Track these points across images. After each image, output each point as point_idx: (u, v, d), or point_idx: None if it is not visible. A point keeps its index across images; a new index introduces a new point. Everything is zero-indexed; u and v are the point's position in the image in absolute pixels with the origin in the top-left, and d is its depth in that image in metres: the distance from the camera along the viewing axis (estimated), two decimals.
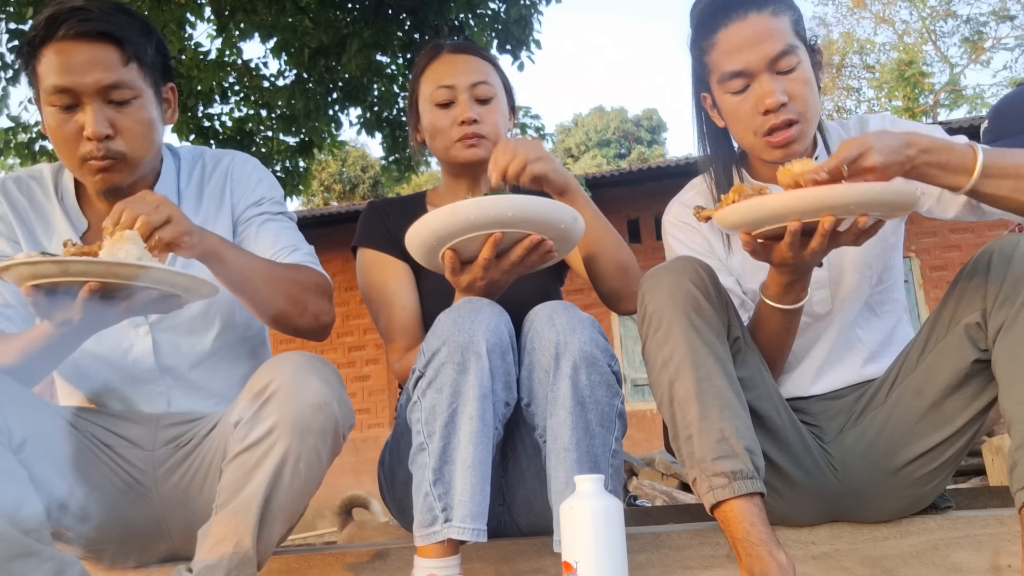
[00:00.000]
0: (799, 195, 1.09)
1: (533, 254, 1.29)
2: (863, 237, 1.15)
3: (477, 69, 1.63)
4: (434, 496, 1.23)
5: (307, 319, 1.38)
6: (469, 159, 1.61)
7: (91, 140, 1.31)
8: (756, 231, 1.16)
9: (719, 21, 1.35)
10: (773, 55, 1.32)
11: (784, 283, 1.27)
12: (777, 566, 1.12)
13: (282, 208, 1.54)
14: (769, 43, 1.32)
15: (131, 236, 1.14)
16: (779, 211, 1.11)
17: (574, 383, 1.27)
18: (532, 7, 5.49)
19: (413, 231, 1.28)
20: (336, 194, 20.98)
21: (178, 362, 1.46)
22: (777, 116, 1.32)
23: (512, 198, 1.23)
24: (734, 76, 1.34)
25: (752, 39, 1.32)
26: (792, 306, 1.31)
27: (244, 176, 1.53)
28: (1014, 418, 1.18)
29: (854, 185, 1.09)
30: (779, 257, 1.18)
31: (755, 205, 1.12)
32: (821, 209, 1.09)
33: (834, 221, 1.10)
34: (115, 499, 1.38)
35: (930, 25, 19.05)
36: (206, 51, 5.63)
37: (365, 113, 5.82)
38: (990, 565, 1.32)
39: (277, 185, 1.58)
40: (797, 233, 1.12)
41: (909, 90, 17.45)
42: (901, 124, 1.48)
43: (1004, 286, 1.21)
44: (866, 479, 1.37)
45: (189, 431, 1.42)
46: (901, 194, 1.11)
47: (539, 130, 6.40)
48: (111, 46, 1.32)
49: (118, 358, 1.44)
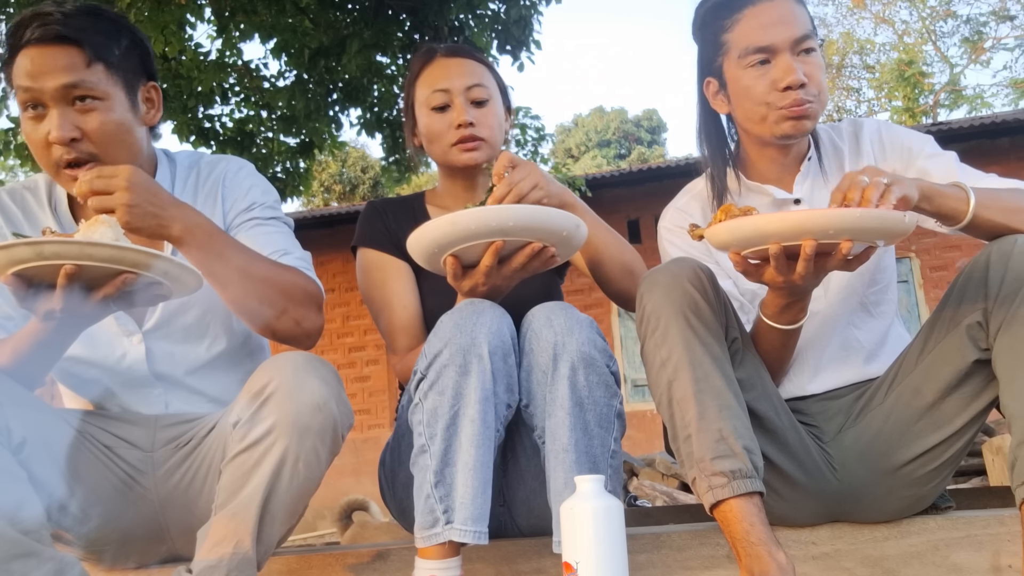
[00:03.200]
0: (780, 217, 1.11)
1: (535, 260, 1.29)
2: (854, 263, 1.16)
3: (472, 72, 1.63)
4: (435, 498, 1.23)
5: (286, 323, 1.33)
6: (467, 163, 1.61)
7: (56, 144, 1.31)
8: (744, 252, 1.17)
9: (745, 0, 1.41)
10: (799, 35, 1.38)
11: (780, 304, 1.29)
12: (776, 566, 1.12)
13: (275, 213, 1.52)
14: (795, 24, 1.38)
15: (107, 220, 1.14)
16: (761, 232, 1.11)
17: (572, 384, 1.27)
18: (532, 7, 5.49)
19: (414, 239, 1.28)
20: (336, 195, 20.98)
21: (172, 369, 1.46)
22: (796, 94, 1.36)
23: (513, 208, 1.24)
24: (758, 51, 1.39)
25: (780, 18, 1.38)
26: (789, 326, 1.32)
27: (236, 182, 1.51)
28: (1015, 415, 1.18)
29: (834, 211, 1.09)
30: (769, 279, 1.19)
31: (739, 225, 1.13)
32: (801, 233, 1.10)
33: (815, 245, 1.10)
34: (115, 500, 1.38)
35: (930, 25, 19.05)
36: (206, 52, 5.63)
37: (365, 114, 5.83)
38: (990, 565, 1.32)
39: (271, 191, 1.56)
40: (781, 256, 1.13)
41: (909, 90, 17.45)
42: (896, 130, 1.49)
43: (1004, 284, 1.21)
44: (865, 479, 1.37)
45: (188, 432, 1.42)
46: (885, 220, 1.09)
47: (539, 130, 6.40)
48: (72, 48, 1.32)
49: (113, 364, 1.44)
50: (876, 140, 1.49)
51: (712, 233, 1.17)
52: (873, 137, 1.49)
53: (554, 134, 28.27)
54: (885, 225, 1.09)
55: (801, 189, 1.48)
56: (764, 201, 1.49)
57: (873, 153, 1.48)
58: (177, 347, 1.46)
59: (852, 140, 1.51)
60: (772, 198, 1.48)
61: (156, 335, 1.45)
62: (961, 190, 1.26)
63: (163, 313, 1.44)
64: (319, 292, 1.40)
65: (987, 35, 18.47)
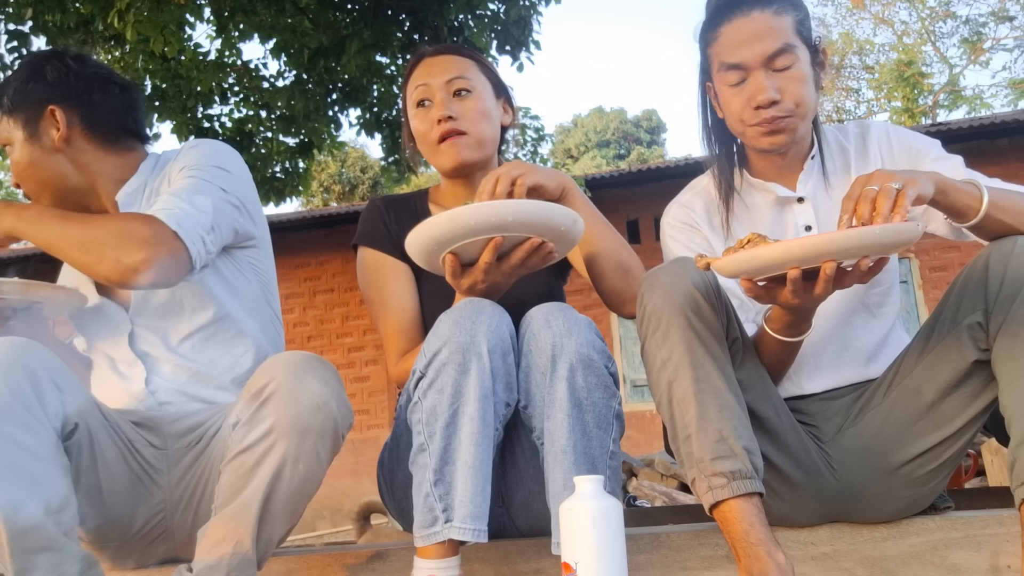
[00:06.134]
0: (800, 244, 1.08)
1: (534, 256, 1.29)
2: (868, 275, 1.14)
3: (453, 66, 1.63)
4: (435, 496, 1.23)
5: (108, 265, 1.31)
6: (453, 163, 1.60)
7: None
8: (757, 278, 1.16)
9: (724, 15, 1.41)
10: (769, 53, 1.36)
11: (788, 321, 1.29)
12: (776, 566, 1.12)
13: (197, 172, 1.47)
14: (767, 41, 1.37)
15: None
16: (779, 260, 1.10)
17: (571, 385, 1.27)
18: (531, 8, 5.49)
19: (412, 236, 1.28)
20: (336, 195, 20.98)
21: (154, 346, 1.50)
22: (768, 112, 1.37)
23: (511, 203, 1.23)
24: (731, 68, 1.40)
25: (752, 35, 1.37)
26: (795, 339, 1.32)
27: (181, 154, 1.52)
28: (1014, 415, 1.19)
29: (855, 231, 1.08)
30: (783, 300, 1.18)
31: (755, 255, 1.10)
32: (822, 256, 1.09)
33: (835, 266, 1.10)
34: (129, 496, 1.40)
35: (929, 26, 19.07)
36: (206, 52, 5.62)
37: (365, 114, 5.82)
38: (990, 566, 1.32)
39: (212, 155, 1.51)
40: (799, 280, 1.12)
41: (908, 91, 17.47)
42: (903, 133, 1.49)
43: (1003, 285, 1.22)
44: (864, 479, 1.37)
45: (199, 432, 1.44)
46: (902, 233, 1.08)
47: (539, 131, 6.40)
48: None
49: None
50: (884, 142, 1.49)
51: (727, 263, 1.14)
52: (881, 139, 1.49)
53: (553, 134, 28.26)
54: (903, 238, 1.09)
55: (805, 188, 1.48)
56: (767, 199, 1.50)
57: (881, 155, 1.48)
58: (158, 322, 1.49)
59: (859, 141, 1.51)
60: (775, 195, 1.49)
61: (137, 315, 1.49)
62: (975, 187, 1.26)
63: (136, 293, 1.48)
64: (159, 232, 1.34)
65: (986, 36, 18.49)
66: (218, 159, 1.50)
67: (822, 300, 1.18)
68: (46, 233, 1.35)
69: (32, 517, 1.10)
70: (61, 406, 1.20)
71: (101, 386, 1.52)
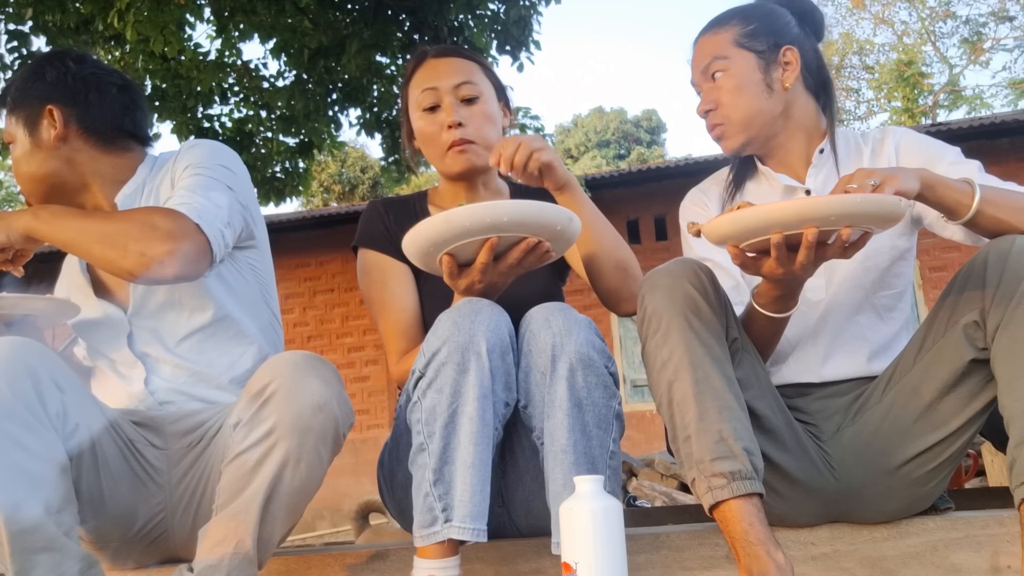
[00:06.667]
0: (782, 206, 1.11)
1: (530, 256, 1.30)
2: (851, 250, 1.17)
3: (460, 70, 1.63)
4: (434, 496, 1.23)
5: (132, 259, 1.29)
6: (462, 169, 1.62)
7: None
8: (743, 244, 1.17)
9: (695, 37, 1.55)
10: (700, 69, 1.50)
11: (775, 295, 1.30)
12: (775, 566, 1.12)
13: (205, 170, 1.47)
14: (703, 60, 1.49)
15: None
16: (762, 222, 1.12)
17: (571, 385, 1.27)
18: (531, 8, 5.49)
19: (409, 238, 1.28)
20: (336, 195, 20.98)
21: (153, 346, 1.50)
22: (708, 120, 1.50)
23: (506, 203, 1.24)
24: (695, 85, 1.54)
25: (697, 58, 1.52)
26: (781, 315, 1.33)
27: (182, 154, 1.52)
28: (1013, 415, 1.19)
29: (836, 197, 1.10)
30: (768, 271, 1.20)
31: (738, 217, 1.13)
32: (803, 221, 1.10)
33: (817, 233, 1.11)
34: (130, 496, 1.40)
35: (929, 26, 19.07)
36: (206, 52, 5.62)
37: (365, 114, 5.82)
38: (989, 566, 1.32)
39: (216, 155, 1.51)
40: (782, 246, 1.14)
41: (908, 91, 17.47)
42: (922, 138, 1.50)
43: (1001, 284, 1.22)
44: (864, 479, 1.37)
45: (200, 433, 1.44)
46: (884, 205, 1.10)
47: (539, 131, 6.40)
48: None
49: None
50: (900, 145, 1.51)
51: (713, 226, 1.17)
52: (898, 143, 1.51)
53: (553, 134, 28.28)
54: (884, 210, 1.11)
55: (814, 181, 1.50)
56: (775, 187, 1.52)
57: (896, 157, 1.50)
58: (157, 323, 1.49)
59: (876, 144, 1.53)
60: (782, 185, 1.51)
61: (136, 317, 1.49)
62: (967, 184, 1.27)
63: (135, 294, 1.48)
64: (182, 226, 1.33)
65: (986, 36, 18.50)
66: (222, 159, 1.51)
67: (807, 273, 1.20)
68: (65, 230, 1.34)
69: (32, 517, 1.10)
70: (62, 406, 1.20)
71: (102, 387, 1.52)
